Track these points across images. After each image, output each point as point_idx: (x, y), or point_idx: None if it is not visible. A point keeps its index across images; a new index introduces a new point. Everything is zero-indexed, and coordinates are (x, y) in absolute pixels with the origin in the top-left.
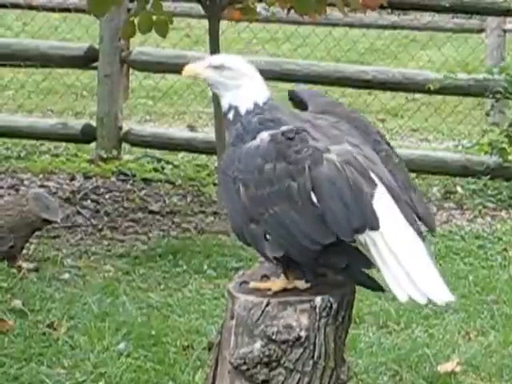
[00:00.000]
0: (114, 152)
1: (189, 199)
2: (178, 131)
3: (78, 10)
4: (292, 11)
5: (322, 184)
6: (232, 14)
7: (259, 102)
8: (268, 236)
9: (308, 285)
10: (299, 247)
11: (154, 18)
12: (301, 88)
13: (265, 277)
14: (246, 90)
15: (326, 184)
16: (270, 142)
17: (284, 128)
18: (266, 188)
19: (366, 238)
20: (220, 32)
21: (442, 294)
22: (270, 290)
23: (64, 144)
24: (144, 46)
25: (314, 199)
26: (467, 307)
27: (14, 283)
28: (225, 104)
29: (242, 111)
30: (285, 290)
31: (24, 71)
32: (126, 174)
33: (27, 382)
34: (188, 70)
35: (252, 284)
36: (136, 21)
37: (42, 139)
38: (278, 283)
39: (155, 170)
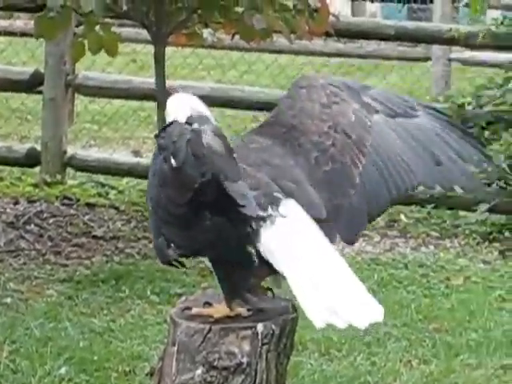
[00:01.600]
0: (59, 176)
1: (133, 224)
2: (123, 156)
3: (23, 34)
4: (237, 37)
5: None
6: (178, 39)
7: None
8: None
9: (250, 312)
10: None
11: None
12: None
13: (207, 303)
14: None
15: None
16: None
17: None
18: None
19: (260, 243)
20: (166, 57)
21: (367, 314)
22: (211, 316)
23: (8, 168)
24: (90, 70)
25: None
26: (409, 335)
27: None
28: None
29: None
30: (227, 317)
31: None
32: (70, 199)
33: None
34: None
35: (194, 310)
36: (85, 42)
37: None
38: (220, 310)
39: (99, 194)
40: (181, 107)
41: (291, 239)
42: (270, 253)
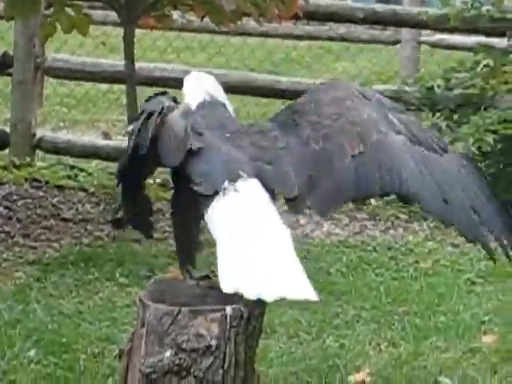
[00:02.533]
0: (28, 159)
1: (102, 207)
2: (92, 139)
3: None
4: (207, 19)
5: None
6: (147, 21)
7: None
8: None
9: (195, 282)
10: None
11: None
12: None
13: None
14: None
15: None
16: None
17: None
18: None
19: (206, 211)
20: (135, 40)
21: (295, 290)
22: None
23: None
24: (59, 53)
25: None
26: (378, 318)
27: None
28: None
29: None
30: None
31: None
32: (39, 181)
33: None
34: None
35: (157, 276)
36: (55, 22)
37: None
38: (174, 273)
39: (68, 177)
40: (195, 90)
41: (235, 212)
42: (211, 221)
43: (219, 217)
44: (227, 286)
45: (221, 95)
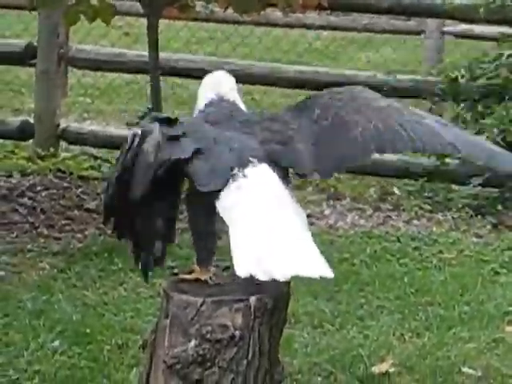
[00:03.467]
0: (52, 149)
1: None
2: (116, 129)
3: (17, 7)
4: (231, 10)
5: None
6: (170, 12)
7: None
8: None
9: (214, 281)
10: None
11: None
12: None
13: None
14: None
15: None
16: None
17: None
18: None
19: (217, 203)
20: (159, 31)
21: (309, 268)
22: (192, 279)
23: (1, 141)
24: (83, 43)
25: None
26: (402, 309)
27: None
28: None
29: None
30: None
31: None
32: (63, 172)
33: None
34: None
35: (180, 276)
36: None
37: None
38: (196, 273)
39: (92, 167)
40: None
41: (246, 197)
42: (224, 209)
43: (230, 204)
44: (241, 270)
45: (233, 95)
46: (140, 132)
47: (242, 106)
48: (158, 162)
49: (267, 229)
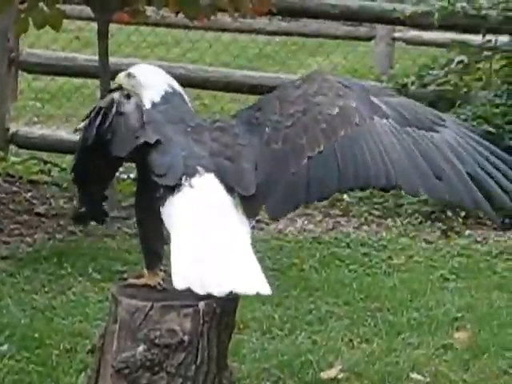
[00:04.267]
0: (1, 153)
1: (75, 202)
2: (66, 134)
3: None
4: (181, 15)
5: None
6: (121, 16)
7: (152, 104)
8: None
9: (162, 286)
10: None
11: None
12: None
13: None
14: (143, 96)
15: None
16: None
17: None
18: None
19: (163, 207)
20: (109, 35)
21: (246, 284)
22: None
23: None
24: (33, 47)
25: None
26: (351, 314)
27: None
28: None
29: None
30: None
31: None
32: (12, 176)
33: None
34: (117, 79)
35: (129, 280)
36: (28, 18)
37: None
38: (144, 278)
39: (42, 172)
40: (155, 81)
41: (189, 207)
42: (168, 216)
43: (173, 212)
44: (179, 282)
45: (178, 87)
46: (118, 97)
47: (189, 105)
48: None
49: (207, 242)
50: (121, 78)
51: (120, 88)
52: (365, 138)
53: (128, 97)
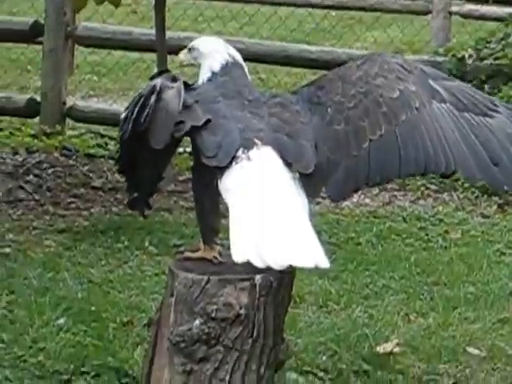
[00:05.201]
0: (58, 127)
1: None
2: (123, 107)
3: None
4: None
5: None
6: None
7: (212, 73)
8: None
9: (219, 260)
10: None
11: None
12: None
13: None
14: (203, 65)
15: None
16: None
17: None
18: None
19: (220, 182)
20: (166, 9)
21: (305, 258)
22: (195, 258)
23: (8, 118)
24: (90, 21)
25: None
26: (407, 289)
27: None
28: None
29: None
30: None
31: None
32: (69, 150)
33: None
34: (178, 59)
35: (186, 254)
36: None
37: None
38: (201, 252)
39: (98, 145)
40: (218, 51)
41: (247, 181)
42: (225, 190)
43: (231, 186)
44: (238, 256)
45: (240, 58)
46: (160, 83)
47: (249, 77)
48: (176, 121)
49: (266, 215)
50: (180, 56)
51: (164, 72)
52: (425, 123)
53: (174, 79)
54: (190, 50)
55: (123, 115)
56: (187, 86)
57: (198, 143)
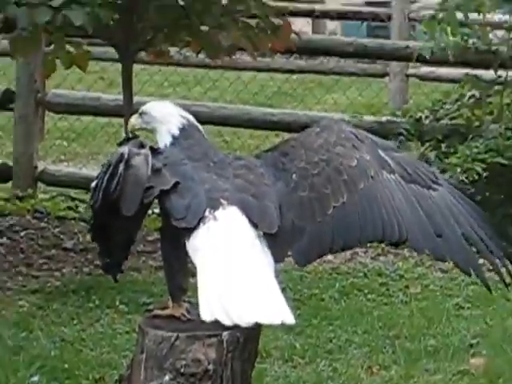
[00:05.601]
0: (30, 191)
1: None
2: (92, 171)
3: None
4: (202, 55)
5: None
6: (149, 56)
7: (172, 137)
8: None
9: (187, 317)
10: None
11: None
12: None
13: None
14: (160, 130)
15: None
16: None
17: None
18: None
19: (188, 242)
20: (133, 75)
21: (271, 315)
22: (164, 316)
23: None
24: (59, 88)
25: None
26: (370, 342)
27: None
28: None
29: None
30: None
31: None
32: (41, 213)
33: None
34: (129, 123)
35: (155, 311)
36: (55, 59)
37: None
38: (171, 310)
39: (69, 208)
40: (172, 115)
41: (214, 240)
42: (193, 250)
43: (199, 246)
44: (206, 315)
45: (193, 119)
46: (128, 150)
47: (207, 138)
48: (145, 187)
49: (233, 274)
50: (132, 121)
51: (131, 138)
52: (379, 191)
53: (141, 145)
54: (140, 114)
55: (93, 184)
56: (154, 151)
57: (167, 206)
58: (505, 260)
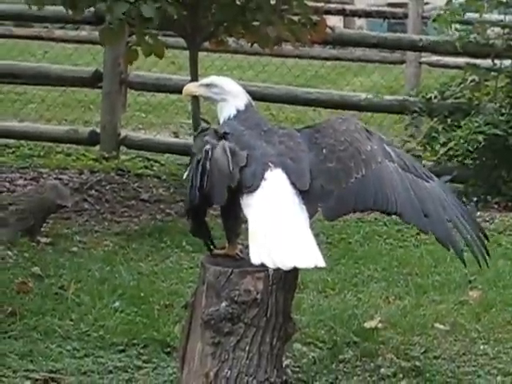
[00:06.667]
0: (114, 153)
1: (171, 190)
2: (164, 137)
3: (87, 42)
4: (255, 44)
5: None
6: (211, 45)
7: (237, 111)
8: None
9: (236, 252)
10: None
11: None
12: None
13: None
14: (229, 102)
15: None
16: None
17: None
18: None
19: (242, 199)
20: (198, 60)
21: (306, 260)
22: (219, 254)
23: (75, 146)
24: (138, 70)
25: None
26: (387, 278)
27: (34, 254)
28: (218, 112)
29: (225, 118)
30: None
31: (44, 89)
32: (122, 170)
33: (43, 331)
34: (186, 89)
35: (214, 251)
36: (137, 48)
37: (57, 142)
38: (226, 251)
39: (146, 167)
40: (239, 91)
41: (262, 197)
42: (247, 205)
43: (250, 202)
44: (255, 259)
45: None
46: (210, 147)
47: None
48: (233, 174)
49: (277, 227)
50: (200, 90)
51: (206, 129)
52: (384, 174)
53: (215, 133)
54: (208, 85)
55: (186, 174)
56: (223, 134)
57: (240, 178)
58: (481, 247)
